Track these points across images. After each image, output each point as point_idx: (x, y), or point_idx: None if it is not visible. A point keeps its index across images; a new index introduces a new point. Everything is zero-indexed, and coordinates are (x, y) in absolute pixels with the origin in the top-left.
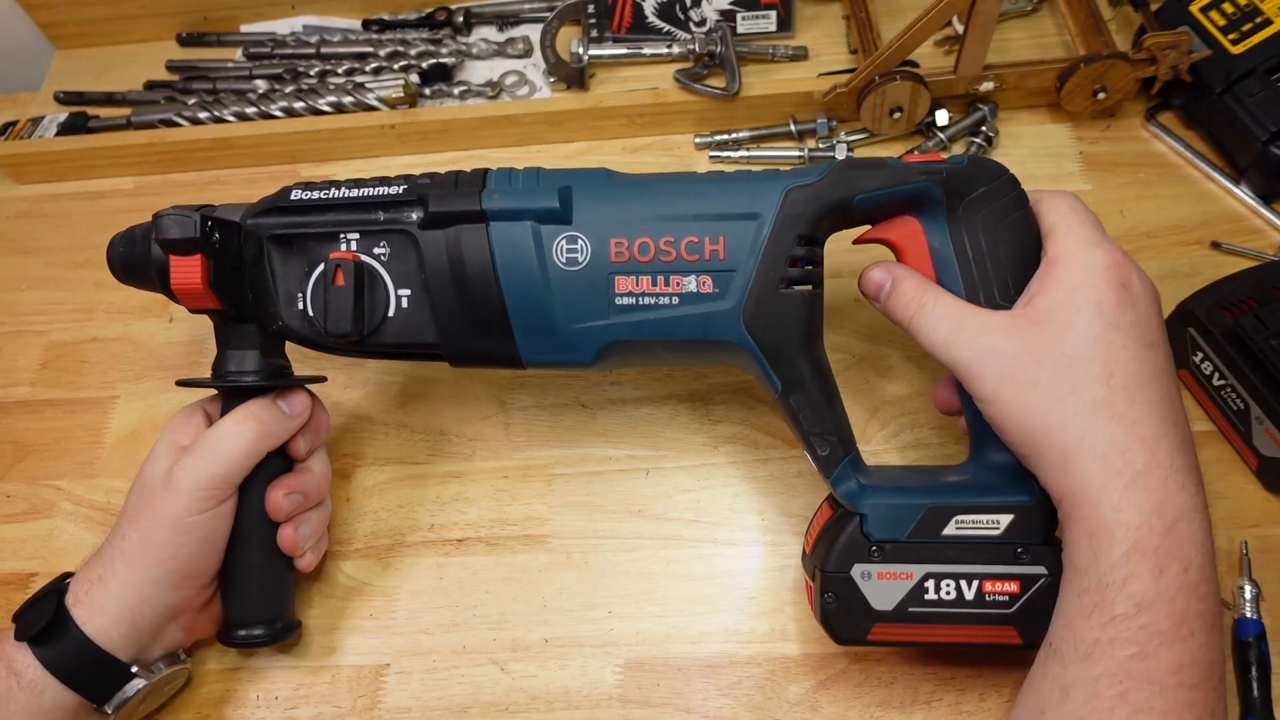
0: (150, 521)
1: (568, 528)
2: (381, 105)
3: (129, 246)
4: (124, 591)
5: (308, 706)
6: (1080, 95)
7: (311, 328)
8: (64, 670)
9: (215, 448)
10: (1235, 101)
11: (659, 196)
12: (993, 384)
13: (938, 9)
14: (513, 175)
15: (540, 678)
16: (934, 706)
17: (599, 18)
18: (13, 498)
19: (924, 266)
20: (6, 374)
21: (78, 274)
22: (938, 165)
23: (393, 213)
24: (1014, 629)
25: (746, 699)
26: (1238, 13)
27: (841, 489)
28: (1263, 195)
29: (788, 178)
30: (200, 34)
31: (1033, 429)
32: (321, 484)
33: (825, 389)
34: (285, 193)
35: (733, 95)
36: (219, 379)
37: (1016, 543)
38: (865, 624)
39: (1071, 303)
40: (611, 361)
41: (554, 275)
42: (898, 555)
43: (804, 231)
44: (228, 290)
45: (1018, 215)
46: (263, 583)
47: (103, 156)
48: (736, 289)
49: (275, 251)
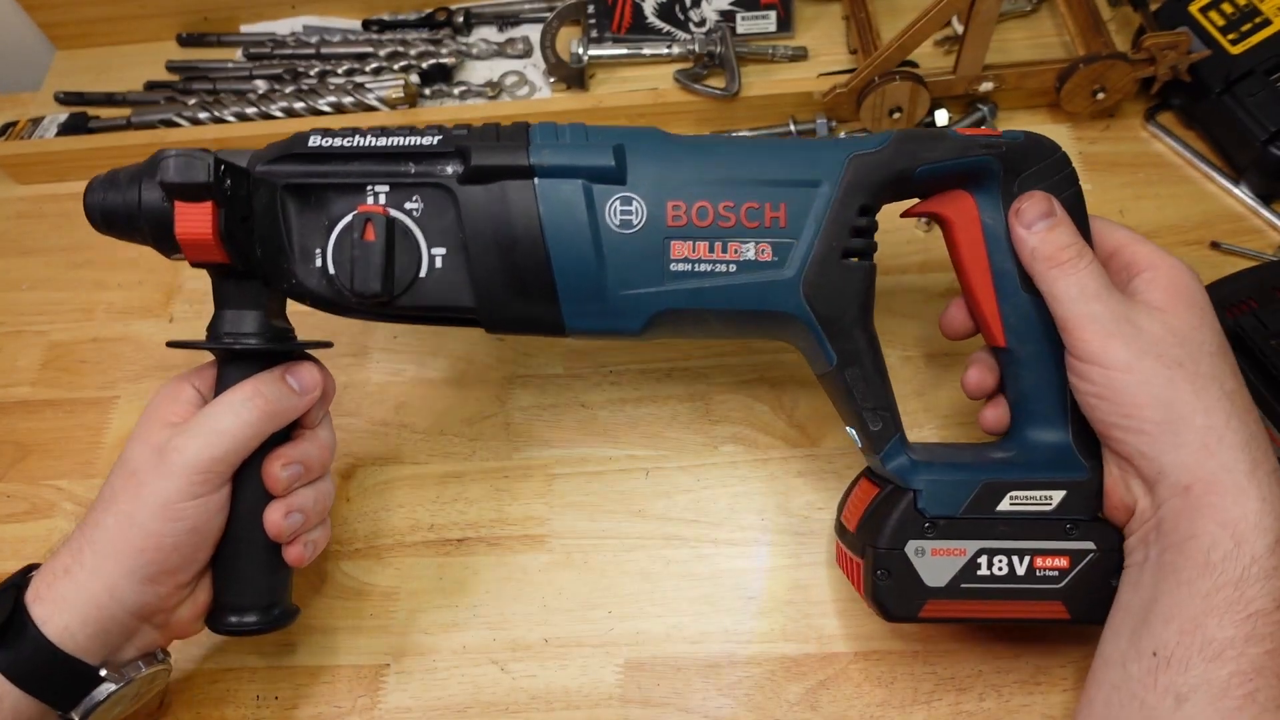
0: (132, 504)
1: (568, 528)
2: (381, 105)
3: (111, 190)
4: (92, 585)
5: (308, 706)
6: (1080, 95)
7: (331, 287)
8: (22, 676)
9: (215, 427)
10: (1235, 101)
11: (718, 159)
12: (1135, 351)
13: (938, 9)
14: (559, 130)
15: (540, 678)
16: (934, 706)
17: (599, 18)
18: (13, 498)
19: (976, 242)
20: (6, 374)
21: (78, 274)
22: (997, 139)
23: (426, 165)
24: (1062, 604)
25: (746, 699)
26: (1237, 13)
27: (892, 465)
28: (1262, 195)
29: (849, 145)
30: (200, 34)
31: (1176, 402)
32: (324, 455)
33: (878, 363)
34: (302, 139)
35: (732, 95)
36: (216, 341)
37: (1066, 519)
38: (918, 601)
39: (1194, 301)
40: (659, 330)
41: (606, 238)
42: (952, 531)
43: (866, 201)
44: (237, 243)
45: (1069, 194)
46: (259, 564)
47: (103, 156)
48: (797, 258)
49: (291, 202)
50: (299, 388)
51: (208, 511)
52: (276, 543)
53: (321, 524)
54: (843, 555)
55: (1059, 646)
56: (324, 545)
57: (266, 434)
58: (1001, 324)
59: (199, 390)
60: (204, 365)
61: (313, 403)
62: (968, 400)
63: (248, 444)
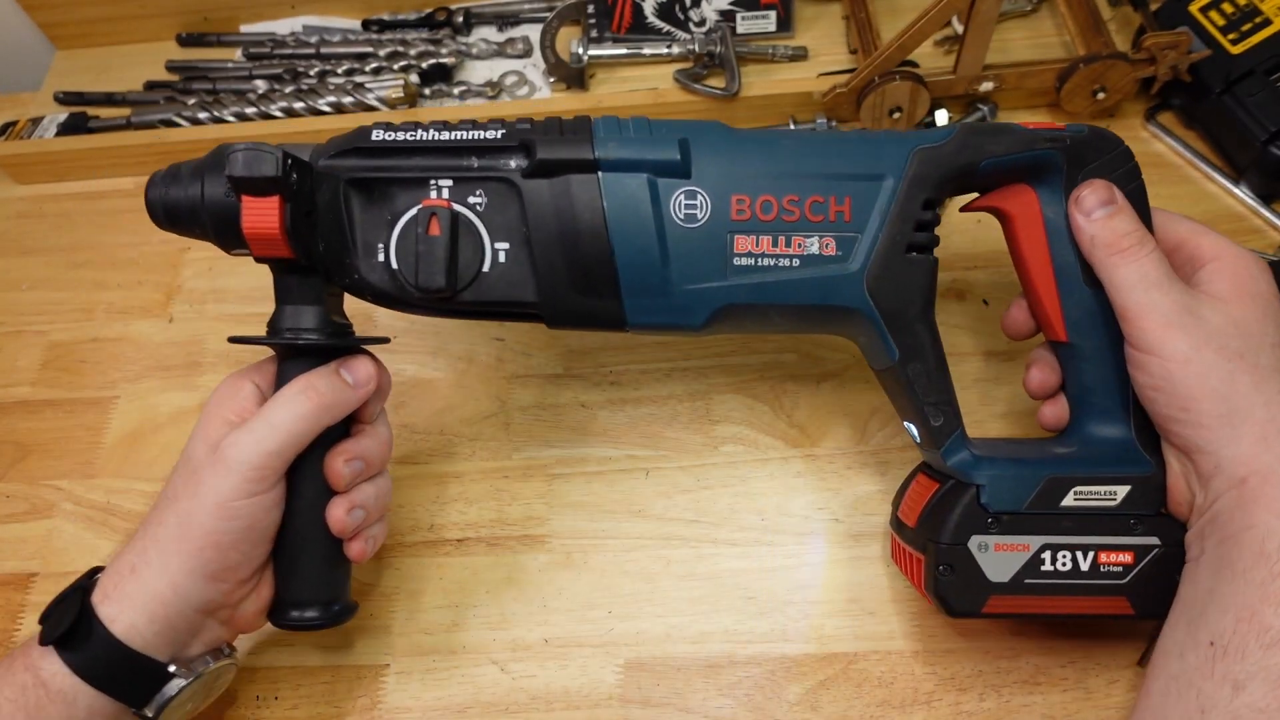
0: (191, 503)
1: (568, 528)
2: (381, 105)
3: (174, 184)
4: (157, 583)
5: (308, 706)
6: (1080, 95)
7: (394, 282)
8: (94, 675)
9: (269, 420)
10: (1235, 101)
11: (781, 153)
12: (1194, 342)
13: (938, 9)
14: (622, 124)
15: (540, 678)
16: (934, 706)
17: (599, 18)
18: (13, 498)
19: (1038, 236)
20: (6, 374)
21: (78, 274)
22: (1061, 133)
23: (489, 159)
24: (1126, 600)
25: (746, 699)
26: (1237, 13)
27: (954, 460)
28: (1262, 195)
29: (912, 139)
30: (200, 34)
31: (1234, 395)
32: (384, 450)
33: (941, 357)
34: (364, 132)
35: (732, 95)
36: (277, 336)
37: (1130, 514)
38: (981, 596)
39: (1259, 293)
40: (722, 326)
41: (670, 232)
42: (1016, 527)
43: (930, 195)
44: (301, 237)
45: (1132, 188)
46: (321, 559)
47: (103, 157)
48: (861, 252)
49: (355, 197)
50: (353, 381)
51: (263, 509)
52: (337, 539)
53: (381, 519)
54: (900, 551)
55: (1059, 646)
56: (383, 540)
57: (321, 428)
58: (1063, 318)
59: (259, 386)
60: (264, 361)
61: (367, 396)
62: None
63: (302, 438)
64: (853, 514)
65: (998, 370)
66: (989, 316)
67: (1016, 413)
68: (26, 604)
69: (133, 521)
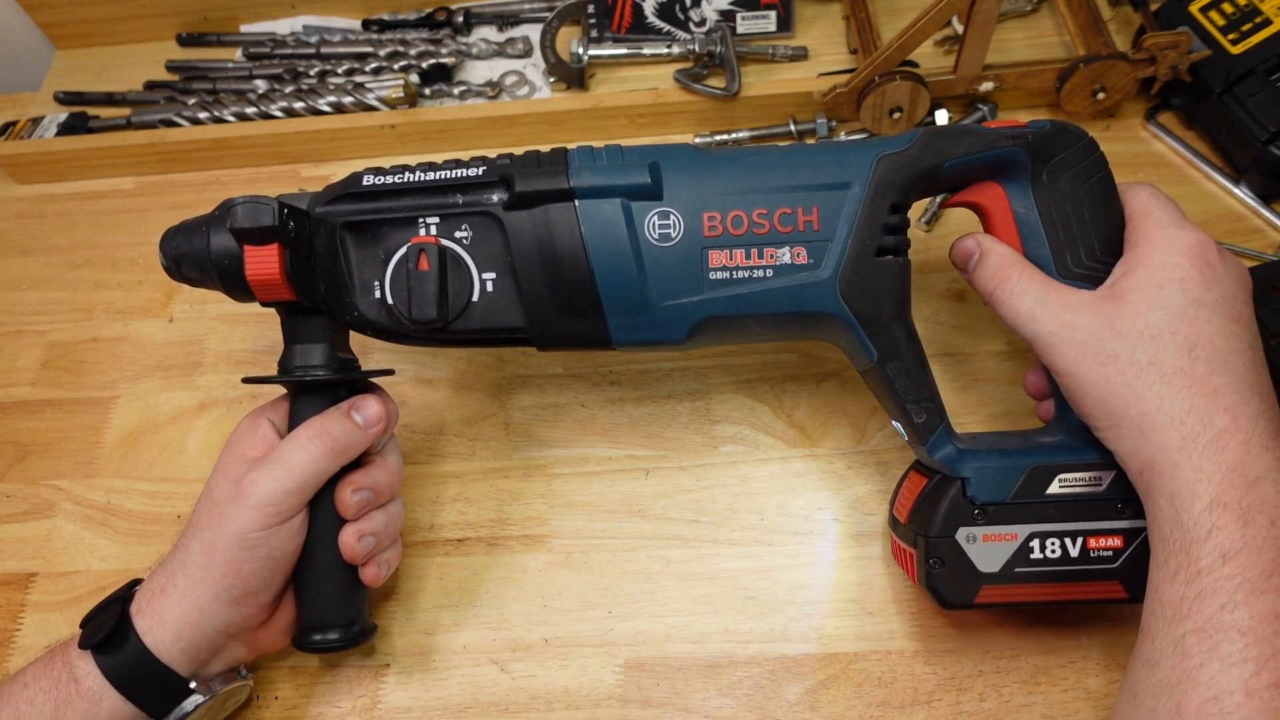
0: (213, 534)
1: (568, 528)
2: (381, 105)
3: (187, 238)
4: (183, 605)
5: (308, 706)
6: (1080, 95)
7: (391, 316)
8: (123, 681)
9: (285, 461)
10: (1235, 101)
11: (748, 169)
12: (1073, 358)
13: (938, 9)
14: (596, 153)
15: (540, 678)
16: (934, 706)
17: (599, 18)
18: (13, 498)
19: (1009, 230)
20: (6, 374)
21: (78, 274)
22: (1022, 130)
23: (473, 195)
24: (1119, 583)
25: (746, 699)
26: (1237, 13)
27: (939, 455)
28: (1262, 195)
29: (876, 146)
30: (200, 34)
31: (1110, 399)
32: (393, 479)
33: (919, 356)
34: (356, 179)
35: (732, 95)
36: (287, 374)
37: (1118, 498)
38: (972, 587)
39: (1154, 280)
40: (703, 339)
41: (646, 252)
42: (1002, 517)
43: (896, 199)
44: (302, 280)
45: (1099, 178)
46: (338, 584)
47: (103, 156)
48: (832, 259)
49: (350, 239)
50: (363, 422)
51: (280, 539)
52: (351, 566)
53: (393, 544)
54: (897, 548)
55: (1059, 646)
56: (397, 564)
57: (335, 469)
58: None
59: (274, 424)
60: (277, 399)
61: (377, 436)
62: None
63: (317, 478)
64: (853, 514)
65: (998, 370)
66: (989, 316)
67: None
68: (26, 604)
69: (133, 521)
